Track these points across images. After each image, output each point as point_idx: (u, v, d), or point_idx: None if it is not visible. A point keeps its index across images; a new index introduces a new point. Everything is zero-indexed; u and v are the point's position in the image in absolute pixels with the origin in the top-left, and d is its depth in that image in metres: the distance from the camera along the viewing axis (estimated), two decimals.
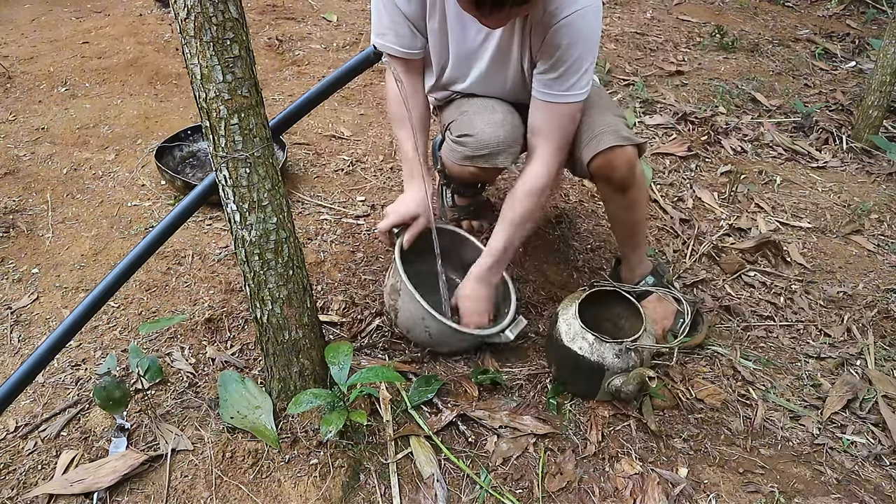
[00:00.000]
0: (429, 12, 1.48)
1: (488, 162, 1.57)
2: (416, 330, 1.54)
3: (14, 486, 1.24)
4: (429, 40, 1.54)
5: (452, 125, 1.62)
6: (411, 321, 1.53)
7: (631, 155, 1.49)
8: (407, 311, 1.52)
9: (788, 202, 2.47)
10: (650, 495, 1.32)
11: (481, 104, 1.59)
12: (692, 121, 2.95)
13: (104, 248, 1.88)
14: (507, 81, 1.56)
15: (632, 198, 1.58)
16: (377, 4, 1.50)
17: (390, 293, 1.57)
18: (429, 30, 1.51)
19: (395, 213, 1.59)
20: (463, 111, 1.61)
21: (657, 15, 4.32)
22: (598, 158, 1.49)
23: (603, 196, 1.67)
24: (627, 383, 1.40)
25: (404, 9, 1.46)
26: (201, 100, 1.05)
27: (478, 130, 1.54)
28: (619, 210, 1.65)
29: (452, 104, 1.68)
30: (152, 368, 1.40)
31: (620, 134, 1.49)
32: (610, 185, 1.55)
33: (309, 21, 3.67)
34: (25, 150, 2.30)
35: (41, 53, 3.04)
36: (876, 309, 1.93)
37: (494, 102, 1.60)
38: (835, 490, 1.39)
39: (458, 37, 1.50)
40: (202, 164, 2.29)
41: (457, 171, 1.65)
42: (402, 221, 1.59)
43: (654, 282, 1.72)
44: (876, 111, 2.81)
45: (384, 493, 1.28)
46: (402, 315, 1.54)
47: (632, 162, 1.50)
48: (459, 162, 1.60)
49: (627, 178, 1.52)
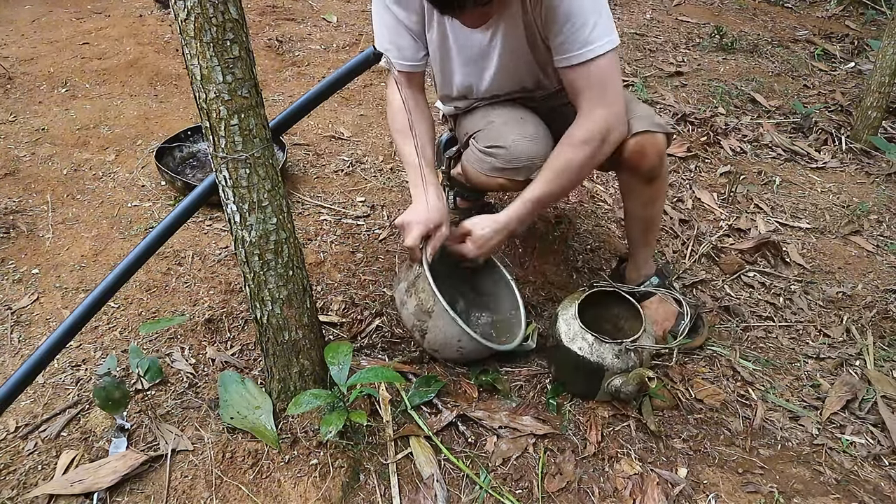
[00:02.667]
0: (427, 25, 1.48)
1: (520, 175, 1.55)
2: (447, 350, 1.49)
3: (14, 487, 1.24)
4: (429, 53, 1.54)
5: (479, 135, 1.60)
6: (443, 342, 1.47)
7: (662, 143, 1.48)
8: (441, 333, 1.46)
9: (788, 203, 2.47)
10: (650, 495, 1.32)
11: (509, 114, 1.57)
12: (692, 121, 2.95)
13: (104, 248, 1.88)
14: (524, 74, 1.53)
15: (655, 191, 1.57)
16: (377, 18, 1.49)
17: (416, 314, 1.47)
18: (428, 41, 1.51)
19: (419, 223, 1.46)
20: (490, 121, 1.58)
21: (657, 16, 4.33)
22: (631, 143, 1.46)
23: (625, 188, 1.63)
24: (627, 384, 1.40)
25: (405, 20, 1.46)
26: (201, 100, 1.05)
27: (510, 143, 1.52)
28: (638, 204, 1.62)
29: (476, 113, 1.65)
30: (152, 369, 1.40)
31: (653, 120, 1.47)
32: (637, 174, 1.53)
33: (309, 22, 3.67)
34: (26, 150, 2.31)
35: (41, 54, 3.04)
36: (875, 309, 1.93)
37: (523, 112, 1.58)
38: (834, 490, 1.39)
39: (463, 42, 1.49)
40: (202, 165, 2.29)
41: (483, 180, 1.62)
42: (428, 232, 1.47)
43: (658, 283, 1.72)
44: (875, 112, 2.82)
45: (384, 493, 1.28)
46: (433, 336, 1.47)
47: (662, 151, 1.49)
48: (488, 173, 1.58)
49: (656, 168, 1.51)
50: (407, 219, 1.48)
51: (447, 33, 1.48)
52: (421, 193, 1.49)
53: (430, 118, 1.64)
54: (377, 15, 1.50)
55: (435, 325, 1.45)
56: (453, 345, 1.47)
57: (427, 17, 1.47)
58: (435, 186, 1.52)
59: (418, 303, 1.47)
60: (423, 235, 1.46)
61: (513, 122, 1.55)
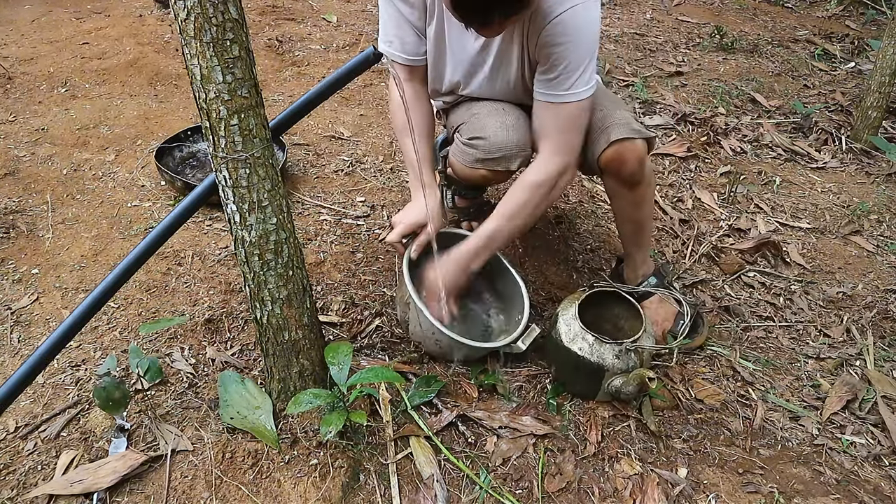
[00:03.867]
0: (427, 19, 1.48)
1: (500, 165, 1.56)
2: (427, 342, 1.55)
3: (14, 487, 1.24)
4: (427, 46, 1.54)
5: (462, 127, 1.61)
6: (421, 334, 1.53)
7: (641, 149, 1.49)
8: (417, 325, 1.52)
9: (788, 203, 2.47)
10: (650, 496, 1.32)
11: (492, 107, 1.59)
12: (692, 121, 2.95)
13: (104, 248, 1.88)
14: (511, 85, 1.55)
15: (640, 194, 1.58)
16: (383, 13, 1.51)
17: (401, 305, 1.56)
18: (427, 36, 1.52)
19: (403, 222, 1.56)
20: (473, 113, 1.60)
21: (657, 16, 4.33)
22: (609, 151, 1.48)
23: (610, 192, 1.65)
24: (627, 384, 1.40)
25: (408, 15, 1.47)
26: (201, 100, 1.05)
27: (490, 133, 1.53)
28: (626, 207, 1.63)
29: (461, 106, 1.67)
30: (152, 369, 1.40)
31: (631, 126, 1.48)
32: (619, 179, 1.54)
33: (309, 22, 3.67)
34: (25, 150, 2.30)
35: (41, 54, 3.04)
36: (875, 309, 1.93)
37: (505, 105, 1.59)
38: (834, 490, 1.39)
39: (458, 44, 1.50)
40: (202, 165, 2.29)
41: (466, 173, 1.63)
42: (411, 231, 1.56)
43: (656, 283, 1.72)
44: (875, 112, 2.82)
45: (384, 493, 1.28)
46: (412, 327, 1.54)
47: (642, 156, 1.50)
48: (470, 164, 1.59)
49: (637, 173, 1.52)
50: (395, 218, 1.59)
51: (444, 31, 1.49)
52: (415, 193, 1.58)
53: (431, 114, 1.65)
54: (382, 8, 1.51)
55: (413, 318, 1.52)
56: (430, 338, 1.52)
57: (428, 13, 1.47)
58: (429, 186, 1.54)
59: (401, 295, 1.56)
60: (405, 234, 1.55)
61: (494, 112, 1.57)
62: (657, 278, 1.73)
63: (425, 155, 1.56)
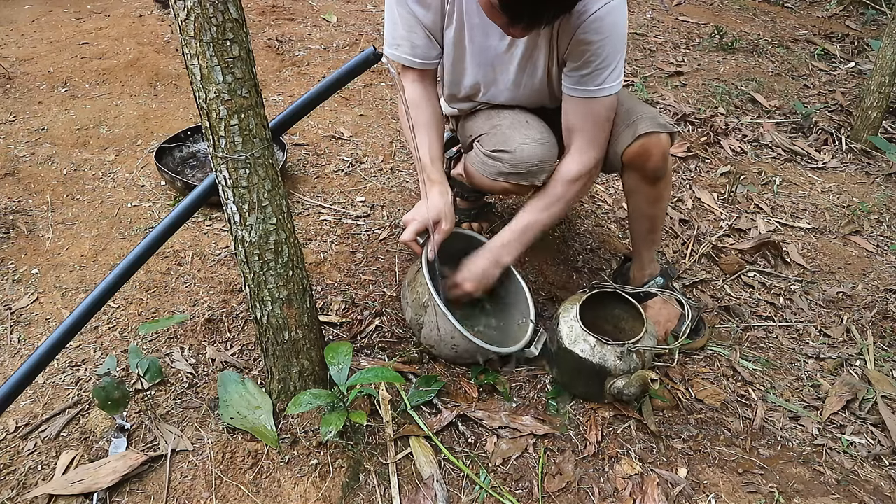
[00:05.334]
0: (446, 22, 1.46)
1: (526, 180, 1.54)
2: (442, 346, 1.51)
3: (14, 487, 1.24)
4: (444, 50, 1.53)
5: (483, 138, 1.59)
6: (438, 337, 1.50)
7: (666, 143, 1.50)
8: (435, 329, 1.48)
9: (788, 203, 2.47)
10: (650, 496, 1.32)
11: (514, 118, 1.57)
12: (692, 121, 2.95)
13: (104, 248, 1.88)
14: (535, 87, 1.54)
15: (660, 190, 1.59)
16: (392, 14, 1.48)
17: (413, 307, 1.52)
18: (445, 40, 1.50)
19: (416, 219, 1.51)
20: (495, 124, 1.58)
21: (657, 16, 4.33)
22: (635, 145, 1.49)
23: (629, 188, 1.64)
24: (629, 385, 1.40)
25: (422, 18, 1.45)
26: (201, 100, 1.05)
27: (515, 147, 1.52)
28: (643, 203, 1.63)
29: (480, 115, 1.65)
30: (152, 369, 1.39)
31: (657, 121, 1.49)
32: (642, 174, 1.54)
33: (309, 22, 3.67)
34: (25, 150, 2.30)
35: (41, 54, 3.04)
36: (875, 309, 1.93)
37: (528, 117, 1.58)
38: (834, 490, 1.39)
39: (481, 45, 1.48)
40: (202, 165, 2.29)
41: (487, 184, 1.62)
42: (424, 228, 1.52)
43: (662, 283, 1.72)
44: (875, 112, 2.82)
45: (384, 493, 1.28)
46: (427, 330, 1.50)
47: (666, 150, 1.51)
48: (492, 177, 1.57)
49: (661, 168, 1.52)
50: (407, 216, 1.54)
51: (464, 33, 1.48)
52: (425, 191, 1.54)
53: (440, 114, 1.63)
54: (391, 10, 1.48)
55: (430, 320, 1.48)
56: (447, 342, 1.49)
57: (447, 15, 1.46)
58: (439, 184, 1.53)
59: (416, 297, 1.51)
60: (420, 232, 1.51)
61: (518, 125, 1.55)
62: (664, 278, 1.74)
63: (436, 153, 1.55)
